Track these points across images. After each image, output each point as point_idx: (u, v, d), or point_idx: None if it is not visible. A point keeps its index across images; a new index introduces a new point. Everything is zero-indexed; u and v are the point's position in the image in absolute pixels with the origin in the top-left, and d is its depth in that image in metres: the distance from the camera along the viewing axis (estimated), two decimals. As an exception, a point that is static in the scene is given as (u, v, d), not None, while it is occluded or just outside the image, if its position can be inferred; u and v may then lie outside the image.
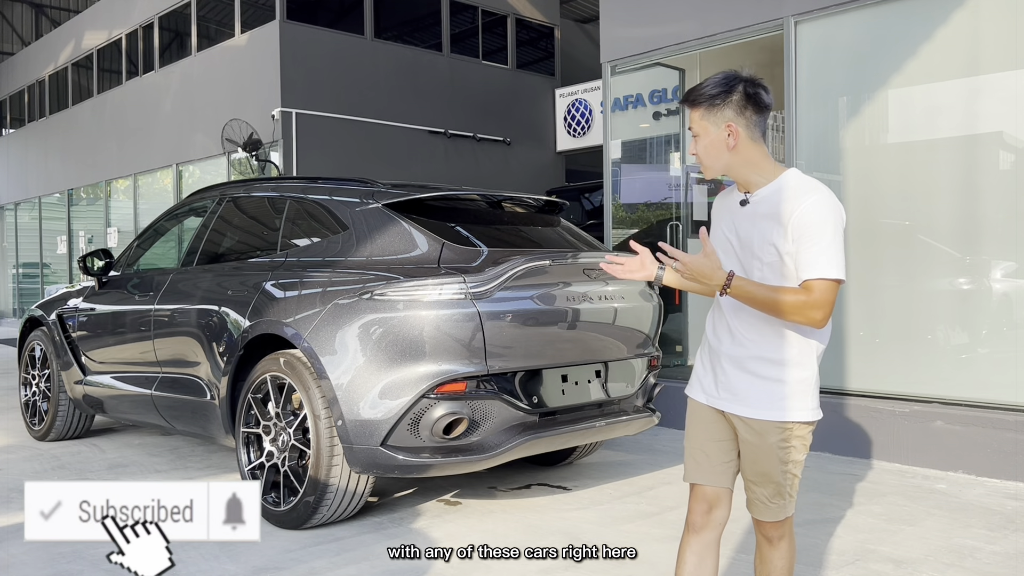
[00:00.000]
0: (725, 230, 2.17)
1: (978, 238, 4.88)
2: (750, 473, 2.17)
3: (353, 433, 3.46)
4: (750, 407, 2.11)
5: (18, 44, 23.36)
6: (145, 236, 5.51)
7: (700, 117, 2.12)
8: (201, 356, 4.33)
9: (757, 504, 2.18)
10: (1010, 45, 4.77)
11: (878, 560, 3.28)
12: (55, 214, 17.72)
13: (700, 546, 2.21)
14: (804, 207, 1.99)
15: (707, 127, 2.11)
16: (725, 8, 5.85)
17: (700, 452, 2.22)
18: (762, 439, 2.11)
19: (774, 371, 2.08)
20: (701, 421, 2.24)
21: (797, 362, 2.08)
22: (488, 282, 3.51)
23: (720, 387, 2.17)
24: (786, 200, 2.03)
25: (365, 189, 4.08)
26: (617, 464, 4.96)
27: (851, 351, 5.30)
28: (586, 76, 13.66)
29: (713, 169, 2.14)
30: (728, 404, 2.16)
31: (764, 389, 2.09)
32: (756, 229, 2.07)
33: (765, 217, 2.06)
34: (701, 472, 2.22)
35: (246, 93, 11.59)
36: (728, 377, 2.15)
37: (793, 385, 2.07)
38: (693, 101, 2.13)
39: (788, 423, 2.08)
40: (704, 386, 2.23)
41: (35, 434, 5.81)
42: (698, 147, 2.14)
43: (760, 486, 2.16)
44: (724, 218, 2.20)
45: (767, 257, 2.04)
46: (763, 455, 2.12)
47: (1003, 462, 4.47)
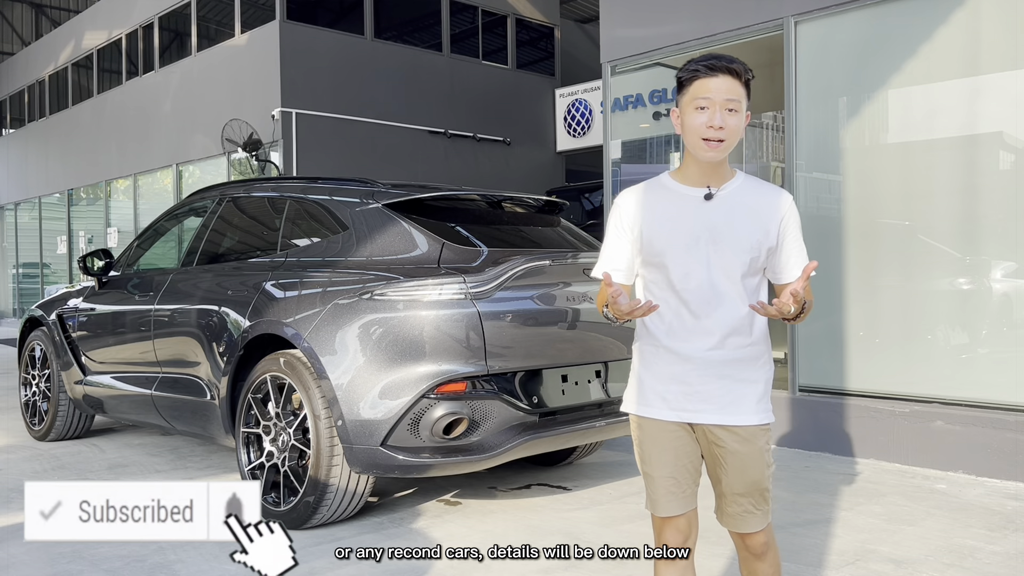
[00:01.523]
0: (687, 224, 1.99)
1: (978, 238, 4.88)
2: (739, 486, 2.00)
3: (353, 433, 3.46)
4: (738, 414, 1.97)
5: (18, 44, 23.37)
6: (145, 236, 5.51)
7: (742, 92, 1.95)
8: (201, 356, 4.33)
9: (744, 517, 2.02)
10: (1010, 45, 4.77)
11: (878, 560, 3.28)
12: (55, 214, 17.73)
13: (679, 570, 2.06)
14: (787, 206, 2.01)
15: (743, 105, 1.95)
16: (725, 8, 5.85)
17: (669, 480, 2.02)
18: (751, 445, 1.99)
19: (750, 372, 2.00)
20: (664, 443, 2.03)
21: (766, 361, 2.04)
22: (488, 282, 3.51)
23: (693, 398, 1.98)
24: (763, 197, 2.02)
25: (365, 189, 4.08)
26: (617, 464, 4.96)
27: (851, 351, 5.30)
28: (586, 76, 13.67)
29: (728, 150, 1.96)
30: (707, 415, 1.98)
31: (745, 393, 1.99)
32: (736, 223, 1.98)
33: (744, 211, 1.99)
34: (674, 503, 2.03)
35: (246, 93, 11.60)
36: (706, 386, 1.98)
37: (766, 384, 2.03)
38: (737, 72, 1.94)
39: (768, 424, 2.02)
40: (669, 400, 2.00)
41: (35, 434, 5.81)
42: (731, 121, 1.93)
43: (748, 496, 2.01)
44: (676, 213, 2.01)
45: (748, 250, 1.97)
46: (752, 463, 1.99)
47: (1003, 462, 4.47)
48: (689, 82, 1.97)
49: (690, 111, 1.96)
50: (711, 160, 1.97)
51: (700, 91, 1.94)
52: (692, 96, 1.96)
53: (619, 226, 2.07)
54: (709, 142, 1.94)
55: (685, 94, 1.98)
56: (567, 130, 13.90)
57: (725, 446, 1.99)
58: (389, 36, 12.37)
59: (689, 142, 1.99)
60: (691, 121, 1.96)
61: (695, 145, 1.97)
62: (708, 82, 1.93)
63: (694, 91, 1.95)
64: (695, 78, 1.95)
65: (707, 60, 1.96)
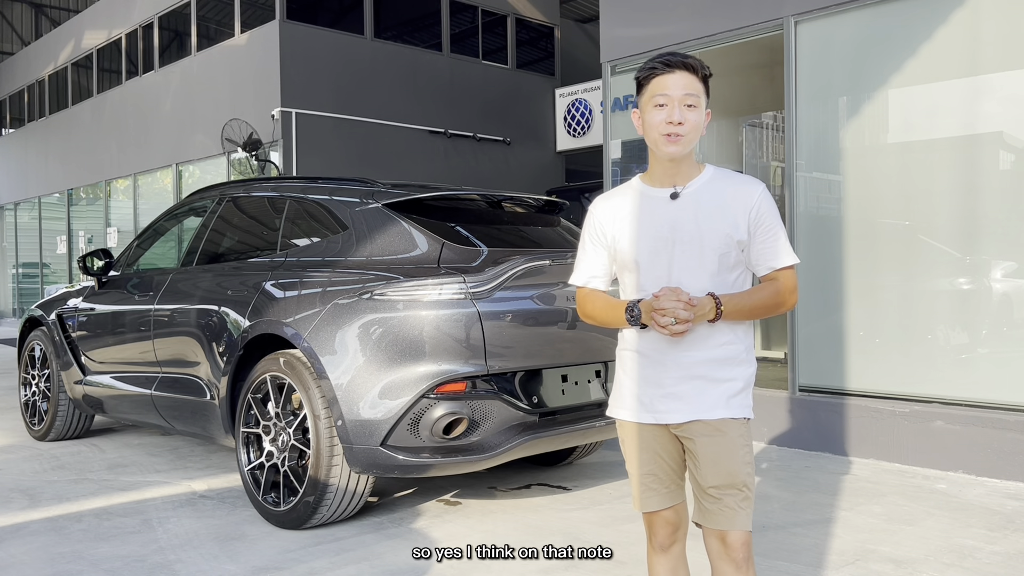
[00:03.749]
0: (654, 226, 2.00)
1: (978, 238, 4.88)
2: (715, 478, 1.97)
3: (353, 433, 3.46)
4: (709, 410, 1.97)
5: (18, 44, 23.37)
6: (145, 236, 5.51)
7: (699, 88, 1.96)
8: (201, 356, 4.33)
9: (727, 514, 1.97)
10: (1010, 45, 4.77)
11: (878, 560, 3.28)
12: (55, 214, 17.73)
13: (672, 560, 2.13)
14: (757, 198, 1.98)
15: (702, 101, 1.97)
16: (725, 8, 5.85)
17: (650, 477, 2.07)
18: (723, 436, 1.98)
19: (725, 372, 1.99)
20: (642, 443, 2.07)
21: (745, 359, 2.03)
22: (488, 282, 3.51)
23: (666, 400, 2.00)
24: (732, 189, 2.00)
25: (365, 189, 4.08)
26: (617, 464, 4.96)
27: (851, 351, 5.30)
28: (586, 76, 13.67)
29: (689, 145, 1.96)
30: (678, 415, 1.99)
31: (719, 391, 1.98)
32: (702, 219, 1.96)
33: (714, 207, 1.97)
34: (658, 498, 2.08)
35: (246, 93, 11.60)
36: (678, 387, 1.99)
37: (745, 382, 2.02)
38: (693, 67, 1.95)
39: (743, 419, 2.01)
40: (645, 403, 2.03)
41: (35, 434, 5.81)
42: (690, 116, 1.93)
43: (727, 491, 1.97)
44: (646, 216, 2.01)
45: (717, 247, 1.96)
46: (726, 453, 1.97)
47: (1003, 462, 4.47)
48: (647, 80, 1.98)
49: (649, 109, 1.97)
50: (673, 156, 1.96)
51: (658, 88, 1.95)
52: (651, 94, 1.96)
53: (593, 234, 2.10)
54: (669, 137, 1.94)
55: (644, 93, 1.99)
56: (567, 130, 13.90)
57: (695, 439, 1.99)
58: (389, 36, 12.37)
59: (651, 139, 1.99)
60: (651, 118, 1.96)
61: (656, 141, 1.97)
62: (666, 79, 1.94)
63: (652, 89, 1.96)
64: (652, 76, 1.96)
65: (663, 58, 1.97)
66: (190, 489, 4.46)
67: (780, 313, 2.06)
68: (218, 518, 3.91)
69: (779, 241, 2.00)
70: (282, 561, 3.32)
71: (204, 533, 3.68)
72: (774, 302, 2.00)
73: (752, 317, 2.00)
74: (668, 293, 1.90)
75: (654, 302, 1.91)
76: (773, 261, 2.00)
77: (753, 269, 2.04)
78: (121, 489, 4.46)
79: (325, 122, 11.24)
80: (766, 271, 2.02)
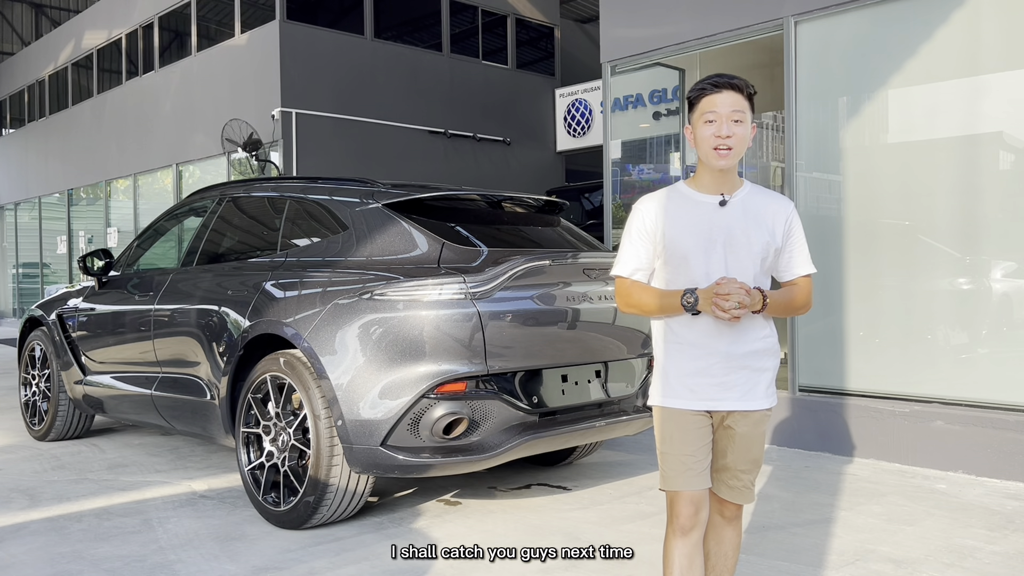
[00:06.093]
0: (705, 229, 2.21)
1: (978, 238, 4.88)
2: (743, 463, 2.27)
3: (353, 433, 3.46)
4: (754, 400, 2.23)
5: (18, 44, 23.37)
6: (145, 236, 5.51)
7: (745, 104, 2.19)
8: (201, 356, 4.33)
9: (742, 490, 2.30)
10: (1010, 45, 4.77)
11: (878, 560, 3.28)
12: (55, 214, 17.73)
13: (689, 547, 2.25)
14: (790, 213, 2.27)
15: (748, 116, 2.19)
16: (725, 8, 5.85)
17: (689, 458, 2.24)
18: (757, 428, 2.26)
19: (764, 362, 2.25)
20: (688, 428, 2.25)
21: (776, 351, 2.29)
22: (488, 282, 3.51)
23: (719, 388, 2.22)
24: (770, 203, 2.26)
25: (365, 189, 4.08)
26: (617, 464, 4.96)
27: (851, 351, 5.30)
28: (586, 76, 13.67)
29: (737, 157, 2.20)
30: (729, 402, 2.22)
31: (760, 381, 2.25)
32: (748, 226, 2.21)
33: (756, 216, 2.22)
34: (689, 478, 2.24)
35: (246, 93, 11.60)
36: (729, 376, 2.21)
37: (774, 371, 2.30)
38: (739, 87, 2.18)
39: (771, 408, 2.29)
40: (696, 391, 2.23)
41: (35, 434, 5.81)
42: (737, 130, 2.16)
43: (749, 473, 2.29)
44: (695, 218, 2.22)
45: (759, 251, 2.21)
46: (755, 443, 2.28)
47: (1003, 462, 4.47)
48: (697, 100, 2.21)
49: (700, 125, 2.20)
50: (723, 167, 2.20)
51: (708, 106, 2.18)
52: (701, 111, 2.20)
53: (642, 229, 2.28)
54: (719, 150, 2.17)
55: (695, 111, 2.22)
56: (567, 130, 13.90)
57: (737, 428, 2.25)
58: (389, 36, 12.37)
59: (702, 152, 2.22)
60: (702, 133, 2.19)
61: (707, 155, 2.20)
62: (715, 98, 2.18)
63: (703, 107, 2.19)
64: (703, 95, 2.20)
65: (712, 79, 2.20)
66: (190, 489, 4.46)
67: (800, 314, 2.34)
68: (218, 518, 3.91)
69: (804, 252, 2.29)
70: (282, 561, 3.33)
71: (204, 533, 3.68)
72: (800, 303, 2.28)
73: (783, 314, 2.26)
74: (729, 280, 2.11)
75: (717, 288, 2.09)
76: (798, 268, 2.28)
77: (779, 274, 2.30)
78: (121, 489, 4.46)
79: (325, 122, 11.24)
80: (790, 277, 2.29)
